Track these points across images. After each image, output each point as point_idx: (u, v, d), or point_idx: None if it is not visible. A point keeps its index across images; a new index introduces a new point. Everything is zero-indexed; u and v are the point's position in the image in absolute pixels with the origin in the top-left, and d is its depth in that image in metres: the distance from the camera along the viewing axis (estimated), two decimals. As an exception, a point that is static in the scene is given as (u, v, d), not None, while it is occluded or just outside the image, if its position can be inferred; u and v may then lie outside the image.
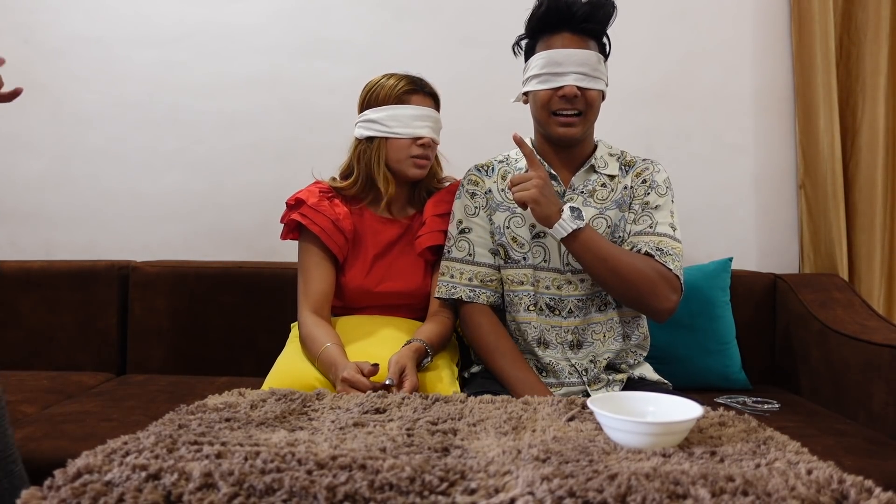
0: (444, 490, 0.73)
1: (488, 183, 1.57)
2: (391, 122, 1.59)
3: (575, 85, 1.42)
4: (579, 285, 1.51)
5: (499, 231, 1.54)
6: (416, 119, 1.58)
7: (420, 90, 1.62)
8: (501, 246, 1.54)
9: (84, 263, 2.19)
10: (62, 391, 1.84)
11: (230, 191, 2.35)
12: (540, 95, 1.46)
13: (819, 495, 0.72)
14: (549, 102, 1.46)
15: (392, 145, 1.60)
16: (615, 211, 1.52)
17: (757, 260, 2.33)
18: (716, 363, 1.94)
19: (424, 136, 1.59)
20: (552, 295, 1.51)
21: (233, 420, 1.00)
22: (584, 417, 1.05)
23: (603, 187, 1.53)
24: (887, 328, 1.79)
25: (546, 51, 1.45)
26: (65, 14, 2.35)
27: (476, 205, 1.56)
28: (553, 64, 1.43)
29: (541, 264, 1.52)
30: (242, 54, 2.35)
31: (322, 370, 1.44)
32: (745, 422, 1.03)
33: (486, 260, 1.55)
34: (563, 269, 1.51)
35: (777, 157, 2.34)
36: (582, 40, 1.45)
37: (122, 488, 0.72)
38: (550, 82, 1.44)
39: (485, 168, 1.60)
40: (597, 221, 1.51)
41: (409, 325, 1.61)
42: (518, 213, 1.53)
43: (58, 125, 2.37)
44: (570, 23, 1.44)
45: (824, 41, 2.19)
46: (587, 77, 1.43)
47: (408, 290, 1.64)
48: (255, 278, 2.14)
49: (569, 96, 1.43)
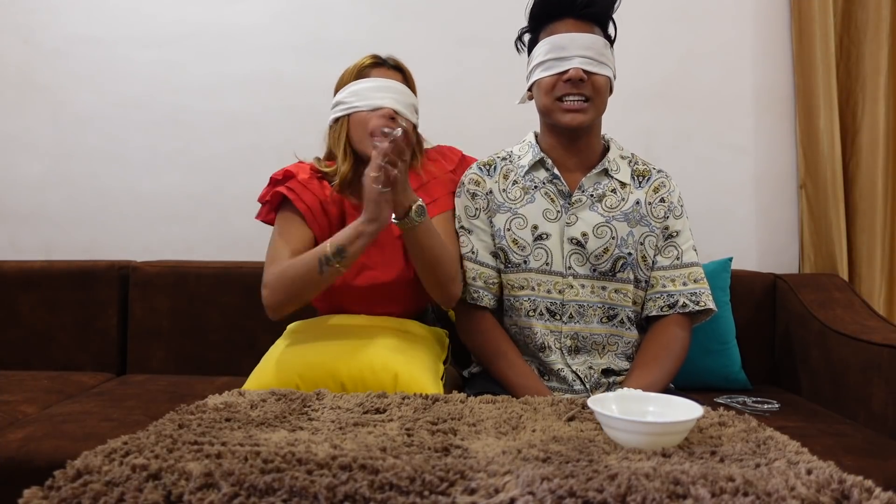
0: (444, 490, 0.73)
1: (489, 183, 1.53)
2: (352, 97, 1.47)
3: (581, 68, 1.38)
4: (580, 290, 1.48)
5: (499, 234, 1.51)
6: (375, 90, 1.46)
7: (382, 64, 1.51)
8: (501, 249, 1.51)
9: (84, 263, 2.19)
10: (62, 391, 1.84)
11: (230, 191, 2.35)
12: (545, 82, 1.42)
13: (819, 495, 0.72)
14: (555, 88, 1.41)
15: (353, 121, 1.48)
16: (623, 224, 1.48)
17: (757, 260, 2.33)
18: (716, 363, 1.94)
19: (384, 107, 1.45)
20: (553, 299, 1.48)
21: (233, 420, 1.00)
22: (584, 417, 1.05)
23: (613, 193, 1.49)
24: (887, 328, 1.78)
25: (550, 37, 1.41)
26: (65, 14, 2.35)
27: (477, 206, 1.53)
28: (557, 49, 1.39)
29: (542, 267, 1.49)
30: (242, 54, 2.35)
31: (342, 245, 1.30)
32: (745, 422, 1.03)
33: (489, 261, 1.52)
34: (564, 272, 1.48)
35: (777, 157, 2.33)
36: (586, 25, 1.41)
37: (122, 488, 0.72)
38: (555, 67, 1.40)
39: (487, 167, 1.55)
40: (601, 230, 1.47)
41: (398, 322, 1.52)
42: (520, 214, 1.49)
43: (58, 125, 2.37)
44: (572, 8, 1.40)
45: (824, 41, 2.19)
46: (593, 61, 1.39)
47: (388, 280, 1.50)
48: (255, 278, 2.11)
49: (574, 80, 1.38)
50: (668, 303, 1.48)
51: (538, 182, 1.50)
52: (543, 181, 1.50)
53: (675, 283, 1.49)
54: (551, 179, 1.49)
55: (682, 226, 1.52)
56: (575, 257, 1.47)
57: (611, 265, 1.47)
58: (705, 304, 1.47)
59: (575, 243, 1.47)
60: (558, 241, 1.48)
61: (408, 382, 1.36)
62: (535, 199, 1.49)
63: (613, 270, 1.48)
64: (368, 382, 1.35)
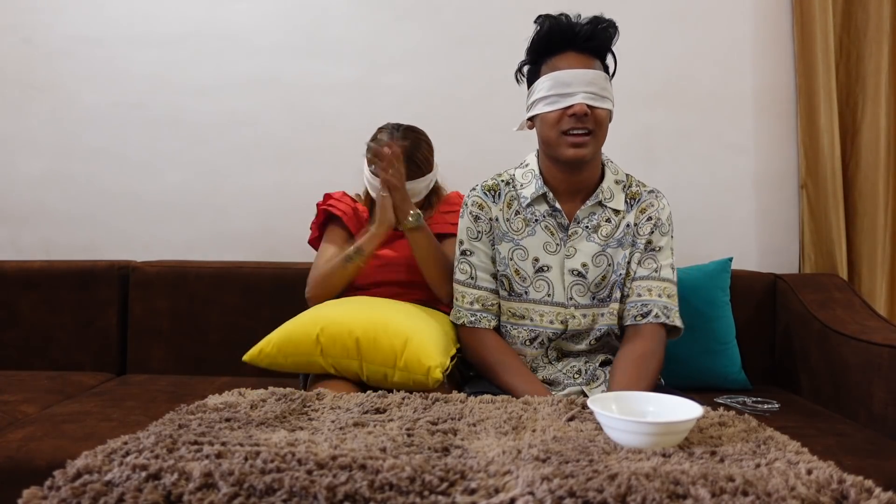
0: (444, 490, 0.73)
1: (494, 210, 1.54)
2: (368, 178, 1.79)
3: (585, 103, 1.40)
4: (582, 320, 1.51)
5: (503, 262, 1.53)
6: (374, 178, 1.73)
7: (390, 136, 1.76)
8: (505, 277, 1.53)
9: (84, 263, 2.19)
10: (62, 391, 1.84)
11: (230, 191, 2.35)
12: (550, 117, 1.44)
13: (819, 495, 0.72)
14: (560, 123, 1.43)
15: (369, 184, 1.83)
16: (618, 250, 1.51)
17: (757, 260, 2.33)
18: (716, 363, 1.94)
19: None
20: (556, 329, 1.51)
21: (233, 420, 1.00)
22: (584, 417, 1.05)
23: (608, 222, 1.52)
24: (887, 328, 1.78)
25: (553, 72, 1.43)
26: (65, 14, 2.35)
27: (479, 229, 1.55)
28: (561, 85, 1.41)
29: (544, 298, 1.51)
30: (242, 54, 2.35)
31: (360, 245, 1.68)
32: (745, 422, 1.03)
33: (488, 284, 1.55)
34: (566, 303, 1.50)
35: (777, 157, 2.33)
36: (587, 59, 1.44)
37: (122, 488, 0.72)
38: (559, 103, 1.42)
39: (492, 192, 1.56)
40: (599, 259, 1.50)
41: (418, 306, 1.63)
42: (522, 245, 1.52)
43: (58, 125, 2.37)
44: (573, 42, 1.43)
45: (824, 41, 2.19)
46: (596, 96, 1.42)
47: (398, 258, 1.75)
48: (255, 278, 2.14)
49: (579, 114, 1.40)
50: (641, 311, 1.50)
51: (539, 215, 1.53)
52: (544, 214, 1.52)
53: (651, 293, 1.50)
54: (552, 213, 1.52)
55: (666, 243, 1.53)
56: (576, 288, 1.51)
57: (608, 291, 1.51)
58: (674, 322, 1.50)
59: (576, 274, 1.51)
60: (559, 272, 1.51)
61: (416, 350, 1.42)
62: (535, 232, 1.52)
63: (611, 296, 1.52)
64: (381, 342, 1.44)
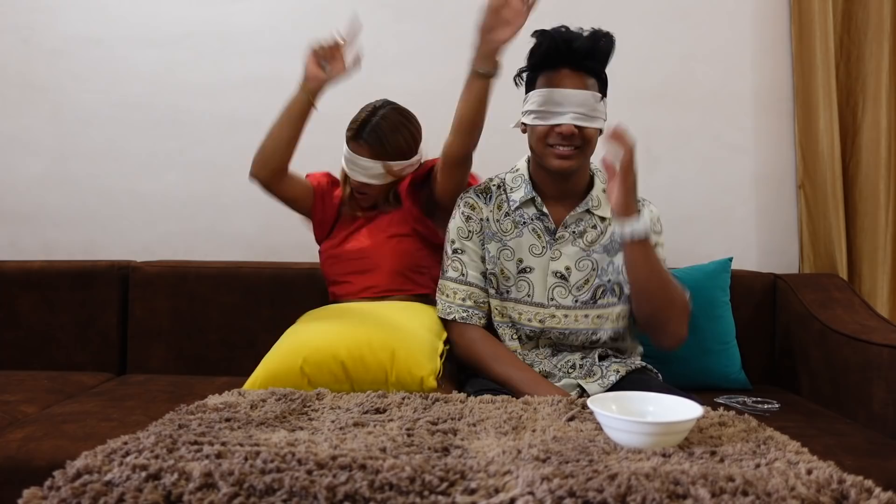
0: (444, 490, 0.73)
1: (485, 211, 1.58)
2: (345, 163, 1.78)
3: (573, 124, 1.43)
4: (563, 319, 1.53)
5: (493, 261, 1.57)
6: (350, 162, 1.75)
7: (356, 138, 1.73)
8: (493, 275, 1.57)
9: (84, 263, 2.18)
10: (62, 391, 1.84)
11: (230, 191, 2.35)
12: (538, 130, 1.47)
13: (819, 495, 0.72)
14: (548, 137, 1.47)
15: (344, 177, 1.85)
16: (602, 255, 1.54)
17: (757, 260, 2.32)
18: (716, 363, 1.94)
19: (354, 180, 1.77)
20: (533, 327, 1.54)
21: (233, 420, 1.00)
22: (584, 417, 1.05)
23: (593, 229, 1.55)
24: (887, 328, 1.78)
25: (546, 88, 1.45)
26: (65, 14, 2.35)
27: (470, 228, 1.58)
28: (552, 103, 1.44)
29: (524, 298, 1.54)
30: (243, 55, 2.34)
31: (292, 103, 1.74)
32: (745, 422, 1.03)
33: (478, 282, 1.57)
34: (546, 303, 1.53)
35: (777, 157, 2.33)
36: (582, 78, 1.45)
37: (122, 488, 0.72)
38: (549, 119, 1.45)
39: (484, 194, 1.60)
40: (582, 263, 1.53)
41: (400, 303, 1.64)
42: (509, 245, 1.55)
43: (58, 125, 2.36)
44: (570, 60, 1.45)
45: (824, 41, 2.19)
46: (585, 117, 1.44)
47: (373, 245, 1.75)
48: (255, 278, 2.14)
49: (566, 134, 1.44)
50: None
51: (527, 218, 1.56)
52: (532, 217, 1.56)
53: None
54: (539, 216, 1.55)
55: (656, 241, 1.53)
56: (558, 290, 1.54)
57: (591, 294, 1.54)
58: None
59: (559, 276, 1.54)
60: (542, 274, 1.54)
61: (405, 361, 1.42)
62: (522, 234, 1.56)
63: (594, 299, 1.54)
64: (367, 361, 1.42)
